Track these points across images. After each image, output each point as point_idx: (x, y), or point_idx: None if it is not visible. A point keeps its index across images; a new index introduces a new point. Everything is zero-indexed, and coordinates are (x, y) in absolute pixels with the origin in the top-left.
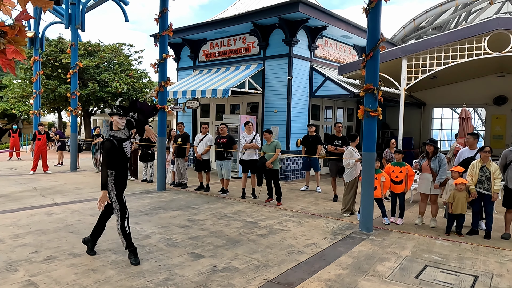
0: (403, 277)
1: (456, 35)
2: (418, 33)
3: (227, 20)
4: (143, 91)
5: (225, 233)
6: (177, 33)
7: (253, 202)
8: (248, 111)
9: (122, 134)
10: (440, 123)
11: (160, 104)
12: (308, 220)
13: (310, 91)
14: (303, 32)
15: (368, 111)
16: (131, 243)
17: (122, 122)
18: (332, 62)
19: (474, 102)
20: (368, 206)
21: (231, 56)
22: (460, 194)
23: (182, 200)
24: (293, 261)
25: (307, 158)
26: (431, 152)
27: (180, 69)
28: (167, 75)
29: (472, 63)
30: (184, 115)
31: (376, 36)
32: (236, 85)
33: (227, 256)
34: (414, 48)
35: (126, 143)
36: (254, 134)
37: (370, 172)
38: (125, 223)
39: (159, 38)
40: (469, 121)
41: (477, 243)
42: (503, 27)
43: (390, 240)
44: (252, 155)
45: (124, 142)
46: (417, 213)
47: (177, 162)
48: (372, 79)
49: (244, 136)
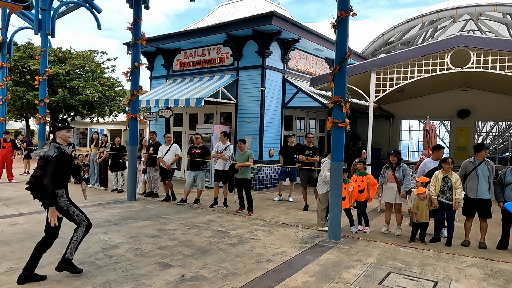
0: (367, 283)
1: (422, 50)
2: (388, 48)
3: (202, 30)
4: (116, 99)
5: (195, 242)
6: (151, 42)
7: (225, 212)
8: (221, 120)
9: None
10: (408, 134)
11: (132, 112)
12: (279, 229)
13: (283, 102)
14: (276, 44)
15: (336, 122)
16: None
17: (70, 135)
18: (305, 74)
19: (440, 115)
20: (336, 215)
21: (205, 66)
22: (423, 203)
23: (153, 209)
24: (261, 270)
25: (286, 168)
26: (395, 162)
27: (153, 78)
28: (139, 84)
29: (437, 77)
30: (157, 124)
31: (344, 50)
32: (209, 94)
33: (196, 265)
34: (382, 62)
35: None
36: (228, 145)
37: (338, 182)
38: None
39: (132, 47)
40: (433, 133)
41: (438, 250)
42: (464, 44)
43: (357, 248)
44: (222, 165)
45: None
46: (384, 221)
47: (148, 172)
48: (340, 91)
49: (217, 146)
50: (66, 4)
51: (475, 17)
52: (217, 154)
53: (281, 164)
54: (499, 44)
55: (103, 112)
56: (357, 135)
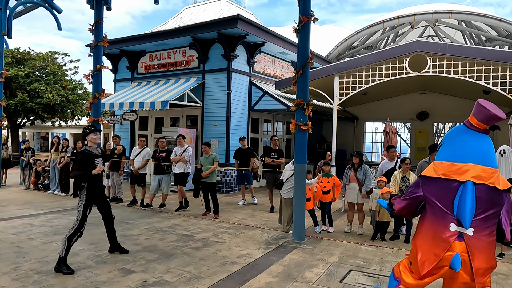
0: (328, 281)
1: (382, 55)
2: (352, 52)
3: (167, 33)
4: (79, 102)
5: (159, 247)
6: (115, 44)
7: (191, 216)
8: (188, 124)
9: (95, 151)
10: (371, 136)
11: (94, 116)
12: (244, 231)
13: (249, 105)
14: (242, 47)
15: (299, 124)
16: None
17: (98, 138)
18: (271, 77)
19: (401, 117)
20: (300, 216)
21: (170, 69)
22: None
23: (117, 215)
24: (225, 272)
25: (240, 171)
26: (357, 163)
27: (117, 80)
28: (101, 87)
29: (398, 81)
30: (121, 128)
31: (306, 54)
32: (175, 97)
33: (159, 270)
34: (346, 66)
35: (99, 160)
36: (186, 147)
37: (301, 183)
38: (76, 235)
39: (93, 49)
40: (393, 134)
41: (397, 247)
42: (421, 49)
43: (320, 247)
44: (183, 167)
45: (97, 159)
46: (347, 221)
47: (112, 176)
48: (303, 94)
49: (175, 150)
50: (24, 3)
51: (432, 24)
52: (177, 158)
53: (236, 167)
54: (453, 50)
55: (65, 116)
56: (323, 137)
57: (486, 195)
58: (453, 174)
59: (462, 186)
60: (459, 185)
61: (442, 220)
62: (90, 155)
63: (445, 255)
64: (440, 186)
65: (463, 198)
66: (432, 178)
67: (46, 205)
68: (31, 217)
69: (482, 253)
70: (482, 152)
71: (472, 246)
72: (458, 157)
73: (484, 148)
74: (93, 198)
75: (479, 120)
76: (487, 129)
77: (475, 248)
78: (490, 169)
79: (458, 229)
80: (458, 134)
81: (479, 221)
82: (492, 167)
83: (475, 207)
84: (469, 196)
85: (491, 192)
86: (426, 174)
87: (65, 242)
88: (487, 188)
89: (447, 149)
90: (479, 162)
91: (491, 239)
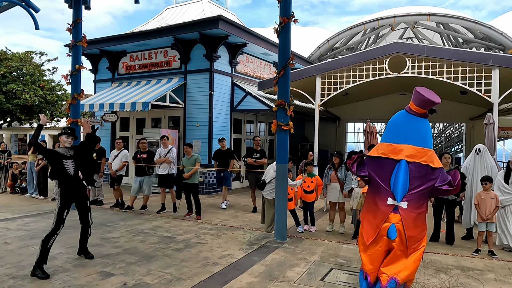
0: (309, 280)
1: (362, 56)
2: (333, 53)
3: (148, 33)
4: (58, 103)
5: (140, 249)
6: (95, 44)
7: (173, 217)
8: (170, 125)
9: (65, 152)
10: (353, 136)
11: (73, 117)
12: (226, 232)
13: (231, 106)
14: (224, 48)
15: (280, 125)
16: (45, 259)
17: (68, 142)
18: (253, 78)
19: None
20: (282, 216)
21: (152, 69)
22: None
23: (97, 217)
24: (207, 273)
25: (219, 173)
26: (337, 163)
27: (98, 81)
28: (80, 87)
29: (378, 82)
30: (102, 129)
31: (287, 55)
32: (156, 98)
33: (139, 272)
34: (327, 67)
35: (68, 161)
36: (170, 148)
37: (283, 183)
38: (52, 238)
39: (72, 49)
40: (373, 134)
41: None
42: (400, 51)
43: (302, 247)
44: (167, 169)
45: (66, 160)
46: (328, 220)
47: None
48: (284, 95)
49: (159, 151)
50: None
51: (411, 26)
52: (161, 159)
53: (215, 169)
54: (431, 51)
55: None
56: (306, 138)
57: (418, 172)
58: (390, 153)
59: (397, 165)
60: (395, 163)
61: (381, 194)
62: (58, 154)
63: (383, 226)
64: (380, 164)
65: (397, 174)
66: (374, 157)
67: (23, 208)
68: (7, 221)
69: (414, 224)
70: (416, 134)
71: (405, 217)
72: (395, 138)
73: (419, 131)
74: (69, 199)
75: (416, 105)
76: (425, 113)
77: (408, 219)
78: (423, 149)
79: (393, 202)
80: (399, 118)
81: (413, 196)
82: (425, 147)
83: (408, 183)
84: (402, 173)
85: (423, 169)
86: (370, 154)
87: (41, 245)
88: (419, 166)
89: (388, 132)
90: (413, 143)
91: (422, 211)
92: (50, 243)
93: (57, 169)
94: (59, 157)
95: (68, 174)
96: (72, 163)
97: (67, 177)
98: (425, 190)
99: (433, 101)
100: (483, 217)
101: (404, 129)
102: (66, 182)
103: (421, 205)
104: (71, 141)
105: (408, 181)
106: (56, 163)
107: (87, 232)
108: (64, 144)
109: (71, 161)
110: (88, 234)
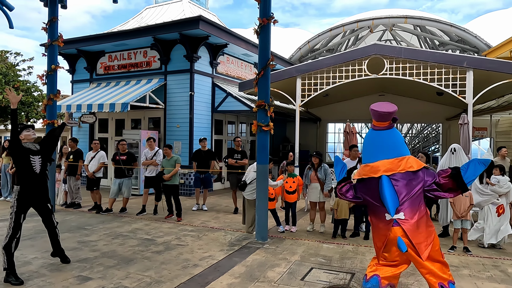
0: (290, 280)
1: (342, 57)
2: (314, 54)
3: (127, 33)
4: (34, 104)
5: (119, 252)
6: (72, 44)
7: (153, 219)
8: (150, 126)
9: (32, 146)
10: (334, 137)
11: (49, 118)
12: (207, 233)
13: (212, 107)
14: (204, 48)
15: (261, 125)
16: (12, 265)
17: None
18: (234, 79)
19: (362, 117)
20: (263, 216)
21: (131, 70)
22: (343, 201)
23: (74, 221)
24: (187, 275)
25: (199, 175)
26: (317, 163)
27: (75, 81)
28: (57, 88)
29: (357, 83)
30: (80, 131)
31: (267, 56)
32: (136, 99)
33: (118, 276)
34: (307, 68)
35: (35, 157)
36: (156, 150)
37: (264, 184)
38: (12, 243)
39: (48, 48)
40: (353, 135)
41: (357, 244)
42: (378, 52)
43: (283, 247)
44: (154, 171)
45: (33, 156)
46: (309, 220)
47: (68, 181)
48: (264, 96)
49: (145, 153)
50: None
51: (389, 28)
52: (148, 161)
53: (194, 170)
54: (408, 53)
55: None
56: (287, 138)
57: (401, 181)
58: (369, 173)
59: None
60: (377, 181)
61: (379, 213)
62: (25, 149)
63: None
64: (366, 185)
65: (382, 191)
66: (360, 180)
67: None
68: None
69: (418, 230)
70: (386, 146)
71: (407, 227)
72: (370, 158)
73: (388, 142)
74: (26, 203)
75: (378, 121)
76: (389, 124)
77: (410, 228)
78: (397, 159)
79: (390, 217)
80: (369, 138)
81: (407, 204)
82: (397, 157)
83: (396, 196)
84: (385, 188)
85: (405, 178)
86: (355, 177)
87: (4, 253)
88: (400, 175)
89: (364, 154)
90: (385, 156)
91: (422, 215)
92: (13, 249)
93: (22, 168)
94: (26, 153)
95: (33, 172)
96: (39, 159)
97: (32, 176)
98: (415, 195)
99: (390, 112)
100: (458, 214)
101: (375, 146)
102: (30, 181)
103: (418, 210)
104: (35, 136)
105: (396, 193)
106: (22, 160)
107: (55, 234)
108: (29, 139)
109: (38, 158)
110: (58, 235)
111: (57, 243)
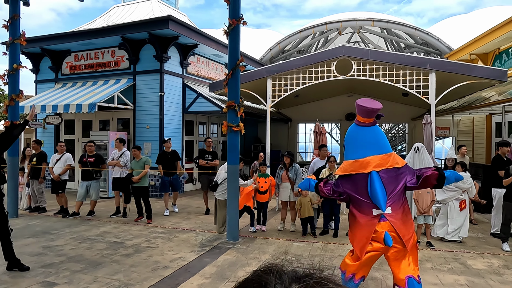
0: None
1: (311, 59)
2: (285, 55)
3: (94, 32)
4: None
5: (86, 256)
6: (36, 42)
7: (122, 222)
8: (119, 127)
9: None
10: (304, 137)
11: (10, 119)
12: (178, 235)
13: (183, 107)
14: (174, 48)
15: (231, 126)
16: None
17: None
18: (205, 79)
19: (331, 118)
20: (234, 216)
21: (98, 70)
22: (305, 200)
23: (38, 225)
24: (157, 277)
25: (168, 177)
26: (288, 163)
27: (39, 81)
28: (19, 88)
29: (327, 84)
30: (45, 132)
31: (236, 56)
32: (104, 100)
33: (85, 280)
34: (277, 69)
35: None
36: (123, 151)
37: (234, 184)
38: None
39: (9, 47)
40: (323, 135)
41: (326, 241)
42: (346, 54)
43: (254, 246)
44: (122, 172)
45: None
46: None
47: (32, 185)
48: (234, 96)
49: (113, 153)
50: None
51: (357, 30)
52: (113, 162)
53: (160, 174)
54: (374, 55)
55: None
56: (259, 139)
57: (389, 177)
58: (358, 168)
59: (369, 177)
60: (366, 176)
61: (364, 208)
62: None
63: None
64: (353, 181)
65: (372, 186)
66: (345, 176)
67: None
68: None
69: (404, 224)
70: (374, 143)
71: (394, 221)
72: (358, 153)
73: (376, 139)
74: None
75: (363, 117)
76: (374, 121)
77: (397, 222)
78: (385, 155)
79: (379, 212)
80: (353, 133)
81: (393, 199)
82: (386, 153)
83: (385, 191)
84: (376, 184)
85: (391, 173)
86: (339, 173)
87: None
88: (388, 171)
89: (348, 149)
90: (375, 152)
91: (405, 208)
92: None
93: None
94: None
95: None
96: None
97: None
98: (400, 190)
99: (376, 108)
100: (421, 210)
101: (362, 142)
102: None
103: (402, 203)
104: None
105: (384, 188)
106: None
107: (9, 242)
108: None
109: None
110: (11, 244)
111: (11, 252)
